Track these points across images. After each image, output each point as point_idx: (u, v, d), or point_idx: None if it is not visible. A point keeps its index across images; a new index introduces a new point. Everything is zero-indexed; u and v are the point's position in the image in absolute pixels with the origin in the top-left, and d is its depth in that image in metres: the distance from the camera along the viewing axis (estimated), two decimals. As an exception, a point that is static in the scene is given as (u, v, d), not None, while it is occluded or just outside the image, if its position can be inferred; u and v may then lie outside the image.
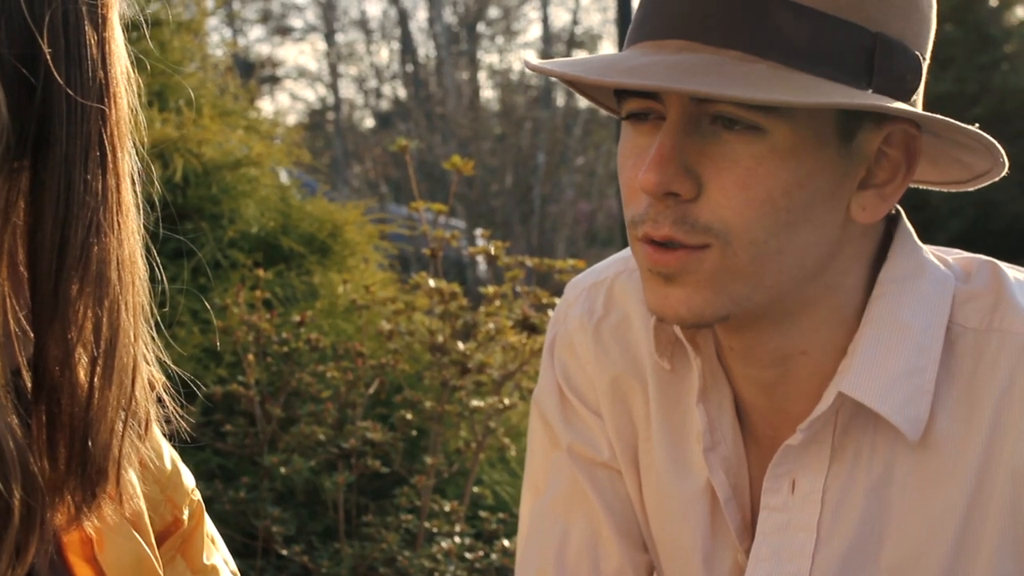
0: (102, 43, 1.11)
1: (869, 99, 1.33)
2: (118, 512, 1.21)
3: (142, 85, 1.20)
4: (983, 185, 1.49)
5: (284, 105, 33.65)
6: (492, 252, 4.00)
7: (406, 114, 18.78)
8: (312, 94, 33.90)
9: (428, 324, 4.29)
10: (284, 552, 3.93)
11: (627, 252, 1.70)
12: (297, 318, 4.11)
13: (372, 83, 31.19)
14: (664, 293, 1.40)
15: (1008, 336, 1.45)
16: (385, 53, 32.52)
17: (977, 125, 1.40)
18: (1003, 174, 1.44)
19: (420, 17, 32.02)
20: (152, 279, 1.19)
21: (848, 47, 1.33)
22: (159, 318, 1.22)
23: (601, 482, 1.67)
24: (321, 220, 4.97)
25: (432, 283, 3.96)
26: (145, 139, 1.20)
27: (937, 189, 1.53)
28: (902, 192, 1.44)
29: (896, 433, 1.46)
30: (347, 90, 33.20)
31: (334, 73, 32.23)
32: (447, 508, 4.03)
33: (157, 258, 1.25)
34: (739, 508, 1.57)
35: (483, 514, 4.18)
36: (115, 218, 1.12)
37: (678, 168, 1.35)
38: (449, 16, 30.17)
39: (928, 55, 1.42)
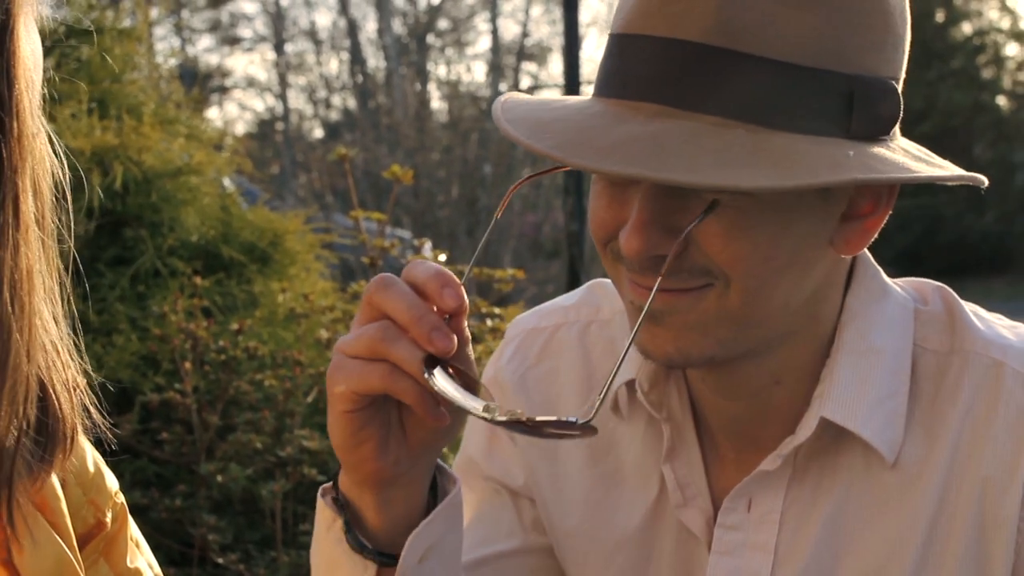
0: (5, 54, 1.09)
1: (850, 166, 1.29)
2: (11, 539, 1.19)
3: (84, 92, 1.17)
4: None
5: (233, 115, 33.53)
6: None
7: (354, 124, 18.73)
8: (261, 104, 33.77)
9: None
10: (221, 560, 3.91)
11: (572, 299, 1.70)
12: (235, 326, 4.10)
13: (321, 93, 31.10)
14: (652, 333, 1.39)
15: (969, 357, 1.48)
16: (335, 64, 32.49)
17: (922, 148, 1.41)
18: (982, 184, 1.40)
19: (370, 28, 31.98)
20: (93, 287, 1.17)
21: (826, 97, 1.30)
22: (96, 325, 1.21)
23: (506, 504, 1.70)
24: (262, 229, 4.96)
25: (370, 292, 3.95)
26: (60, 144, 1.19)
27: None
28: (884, 220, 1.43)
29: (859, 455, 1.47)
30: (296, 100, 33.14)
31: (283, 83, 32.13)
32: (384, 517, 4.02)
33: (81, 265, 1.23)
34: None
35: (421, 523, 4.17)
36: (10, 234, 1.10)
37: (661, 231, 1.33)
38: (399, 27, 30.13)
39: (903, 70, 1.41)
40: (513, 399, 1.68)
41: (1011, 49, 31.18)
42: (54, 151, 1.21)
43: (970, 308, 1.54)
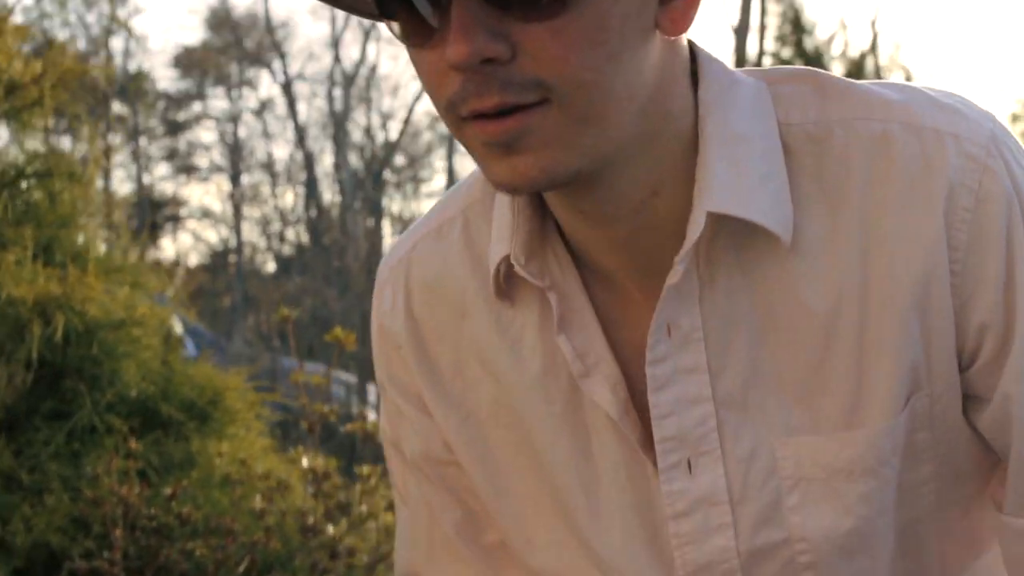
0: None
1: None
2: None
3: (30, 238, 1.14)
4: None
5: (186, 245, 33.57)
6: (369, 428, 3.98)
7: (305, 263, 18.79)
8: (215, 235, 33.81)
9: (302, 502, 4.24)
10: None
11: (425, 215, 1.64)
12: (169, 491, 4.05)
13: (276, 226, 31.24)
14: (510, 164, 1.32)
15: (851, 124, 1.43)
16: (290, 196, 32.65)
17: None
18: None
19: (327, 162, 32.19)
20: (27, 442, 1.14)
21: None
22: (27, 484, 1.17)
23: (452, 478, 1.63)
24: (202, 386, 4.92)
25: (305, 463, 3.93)
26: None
27: None
28: None
29: (762, 246, 1.42)
30: (250, 233, 33.21)
31: (238, 215, 32.28)
32: None
33: (16, 419, 1.19)
34: (632, 423, 1.49)
35: None
36: None
37: (486, 34, 1.27)
38: (355, 161, 30.40)
39: None
40: (411, 347, 1.60)
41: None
42: None
43: (839, 77, 1.48)
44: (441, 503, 1.65)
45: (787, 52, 27.59)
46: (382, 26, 1.43)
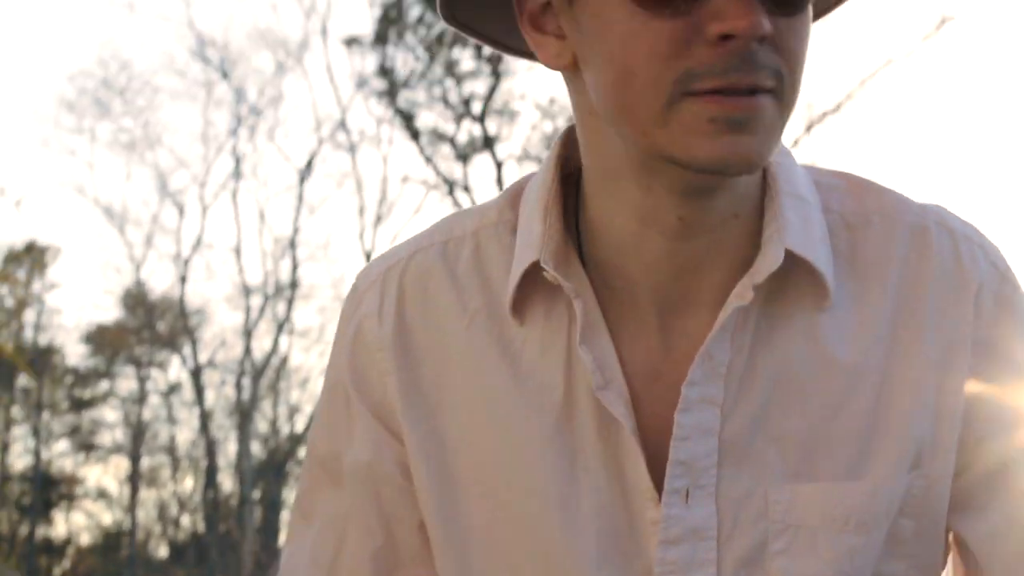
0: None
1: None
2: None
3: None
4: None
5: (80, 524, 32.86)
6: None
7: (198, 557, 18.42)
8: (110, 516, 33.14)
9: None
10: None
11: (422, 232, 1.66)
12: None
13: (172, 511, 30.70)
14: (732, 141, 1.35)
15: (891, 216, 1.53)
16: (189, 482, 32.18)
17: None
18: None
19: (230, 450, 31.84)
20: None
21: None
22: None
23: (388, 499, 1.60)
24: None
25: None
26: None
27: None
28: None
29: (793, 300, 1.48)
30: (146, 517, 32.62)
31: (134, 497, 31.73)
32: None
33: None
34: (641, 442, 1.49)
35: None
36: None
37: (765, 14, 1.33)
38: (259, 452, 30.10)
39: None
40: (395, 352, 1.60)
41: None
42: None
43: (870, 179, 1.58)
44: (366, 525, 1.62)
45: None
46: (296, 318, 1.51)
